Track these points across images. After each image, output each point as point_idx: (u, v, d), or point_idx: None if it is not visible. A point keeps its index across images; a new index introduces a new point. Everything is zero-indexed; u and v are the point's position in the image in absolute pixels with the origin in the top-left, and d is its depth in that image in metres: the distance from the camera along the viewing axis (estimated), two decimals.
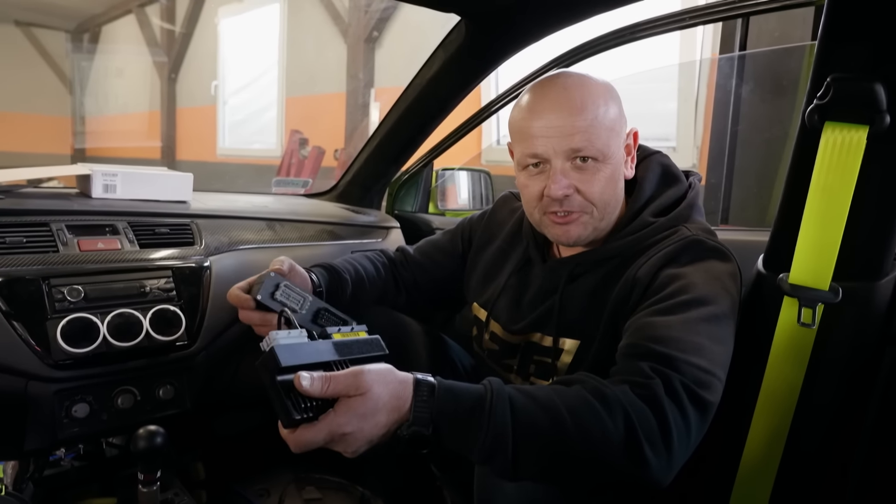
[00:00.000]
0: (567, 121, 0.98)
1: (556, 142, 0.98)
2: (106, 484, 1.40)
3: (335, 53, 6.66)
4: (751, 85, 2.63)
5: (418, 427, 0.74)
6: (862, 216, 0.91)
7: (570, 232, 1.03)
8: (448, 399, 0.75)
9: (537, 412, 0.75)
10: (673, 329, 0.85)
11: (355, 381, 0.73)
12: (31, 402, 1.12)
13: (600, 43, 1.53)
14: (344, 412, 0.72)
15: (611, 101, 1.02)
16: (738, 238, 1.27)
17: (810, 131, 0.92)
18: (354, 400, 0.72)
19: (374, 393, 0.73)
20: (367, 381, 0.73)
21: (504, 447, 0.74)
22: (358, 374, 0.74)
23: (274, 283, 1.01)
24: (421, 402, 0.74)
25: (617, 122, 1.02)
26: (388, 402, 0.74)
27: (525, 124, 1.02)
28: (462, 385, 0.77)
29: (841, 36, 0.88)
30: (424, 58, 1.60)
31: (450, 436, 0.75)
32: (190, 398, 1.29)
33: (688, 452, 0.80)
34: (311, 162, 6.36)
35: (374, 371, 0.75)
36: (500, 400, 0.75)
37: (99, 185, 1.41)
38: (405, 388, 0.75)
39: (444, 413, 0.74)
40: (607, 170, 1.01)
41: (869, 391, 0.99)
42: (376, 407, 0.73)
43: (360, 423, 0.73)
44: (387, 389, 0.74)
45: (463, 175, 2.22)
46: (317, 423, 0.73)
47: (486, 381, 0.78)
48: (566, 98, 0.99)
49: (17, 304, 1.10)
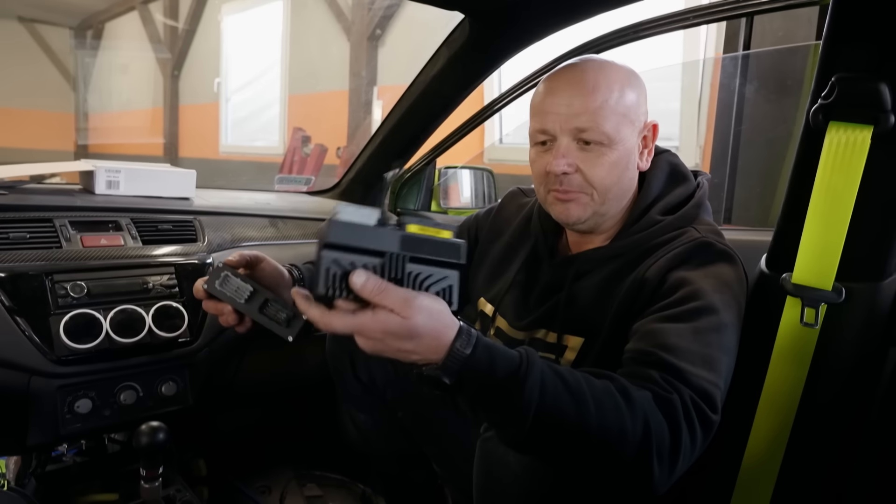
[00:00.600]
0: (576, 100, 0.99)
1: (563, 119, 1.00)
2: (108, 480, 1.41)
3: (338, 51, 6.66)
4: (755, 84, 2.63)
5: (444, 374, 0.74)
6: (866, 216, 0.91)
7: (570, 210, 1.03)
8: (484, 359, 0.75)
9: (564, 396, 0.75)
10: (683, 339, 0.85)
11: (403, 305, 0.72)
12: (33, 398, 1.13)
13: (603, 42, 1.53)
14: (380, 322, 0.71)
15: (629, 88, 1.02)
16: (741, 238, 1.27)
17: (814, 131, 0.92)
18: (393, 318, 0.71)
19: (415, 322, 0.72)
20: (415, 310, 0.72)
21: (523, 421, 0.74)
22: (410, 300, 0.72)
23: (218, 274, 1.01)
24: (456, 352, 0.74)
25: (632, 110, 1.02)
26: (425, 338, 0.73)
27: (538, 100, 1.04)
28: (500, 350, 0.77)
29: (846, 36, 0.88)
30: (427, 56, 1.60)
31: (473, 393, 0.75)
32: (192, 395, 1.29)
33: (687, 467, 0.80)
34: (313, 160, 6.35)
35: (426, 303, 0.73)
36: (533, 374, 0.75)
37: (102, 182, 1.41)
38: (447, 332, 0.74)
39: (475, 372, 0.74)
40: (612, 155, 1.01)
41: (871, 392, 0.99)
42: (411, 336, 0.72)
43: (388, 340, 0.72)
44: (429, 326, 0.73)
45: (465, 173, 2.22)
46: (350, 315, 0.72)
47: (522, 349, 0.78)
48: (580, 79, 1.01)
49: (20, 299, 1.11)
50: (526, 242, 1.21)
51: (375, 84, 6.44)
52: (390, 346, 0.73)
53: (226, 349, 1.34)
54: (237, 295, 0.99)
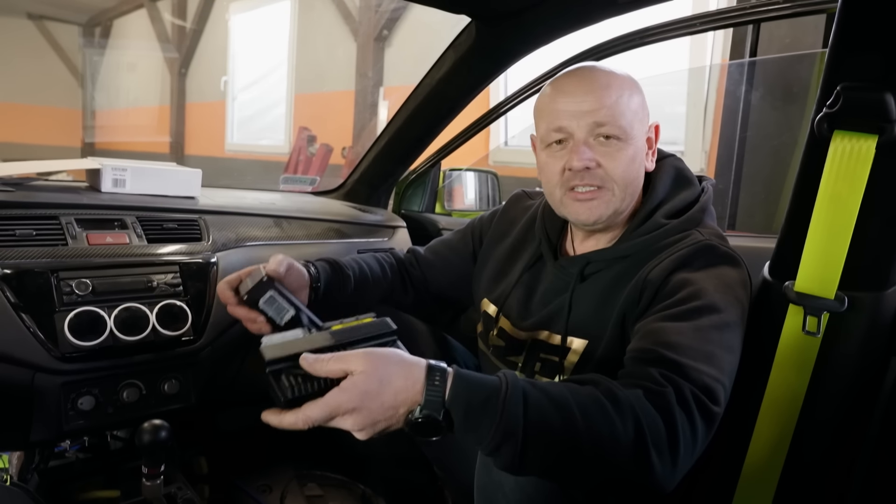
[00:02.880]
0: (592, 96, 1.00)
1: (580, 115, 1.01)
2: (110, 476, 1.41)
3: (345, 51, 6.67)
4: (760, 91, 2.62)
5: (430, 411, 0.74)
6: (869, 225, 0.91)
7: (593, 209, 1.03)
8: (462, 387, 0.75)
9: (549, 409, 0.75)
10: (684, 336, 0.85)
11: (361, 359, 0.74)
12: (37, 394, 1.13)
13: (611, 46, 1.53)
14: (348, 388, 0.73)
15: (635, 91, 1.05)
16: (745, 244, 1.27)
17: (819, 139, 0.92)
18: (359, 377, 0.73)
19: (380, 372, 0.73)
20: (373, 360, 0.73)
21: (514, 441, 0.74)
22: (366, 353, 0.74)
23: (262, 290, 1.03)
24: (433, 387, 0.74)
25: (640, 111, 1.05)
26: (396, 382, 0.74)
27: (550, 101, 1.05)
28: (476, 375, 0.77)
29: (852, 44, 0.88)
30: (434, 58, 1.60)
31: (461, 424, 0.75)
32: (195, 393, 1.30)
33: (692, 461, 0.80)
34: (318, 159, 6.36)
35: (381, 351, 0.75)
36: (515, 394, 0.75)
37: (108, 180, 1.42)
38: (417, 371, 0.75)
39: (458, 400, 0.74)
40: (630, 150, 1.02)
41: (873, 401, 0.99)
42: (381, 386, 0.73)
43: (364, 401, 0.73)
44: (395, 370, 0.74)
45: (470, 176, 2.22)
46: (321, 399, 0.73)
47: (501, 373, 0.78)
48: (592, 78, 1.02)
49: (25, 296, 1.11)
50: (530, 244, 1.22)
51: (381, 85, 6.45)
52: (371, 409, 0.73)
53: (229, 348, 1.34)
54: (277, 316, 1.03)
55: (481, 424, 0.74)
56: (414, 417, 0.75)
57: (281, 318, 1.02)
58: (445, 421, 0.75)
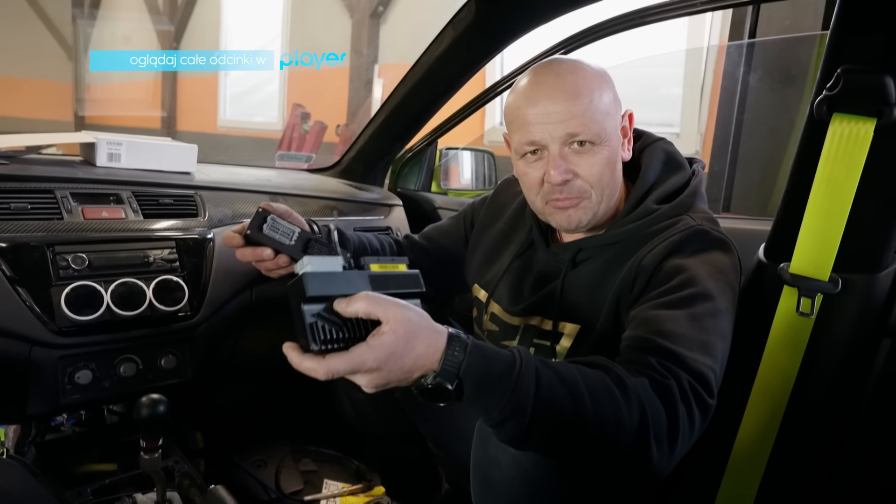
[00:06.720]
0: (563, 106, 0.98)
1: (552, 128, 0.99)
2: (106, 450, 1.42)
3: (339, 28, 6.59)
4: (759, 73, 2.62)
5: (443, 379, 0.74)
6: (865, 208, 0.92)
7: (572, 217, 1.04)
8: (478, 360, 0.75)
9: (560, 389, 0.76)
10: (679, 324, 0.86)
11: (398, 313, 0.73)
12: (34, 368, 1.13)
13: (609, 26, 1.52)
14: (376, 346, 0.72)
15: (605, 86, 1.02)
16: (740, 227, 1.28)
17: (818, 122, 0.92)
18: (388, 335, 0.72)
19: (409, 333, 0.73)
20: (407, 319, 0.73)
21: (522, 417, 0.75)
22: (403, 308, 0.73)
23: (262, 218, 1.02)
24: (452, 356, 0.74)
25: (612, 106, 1.03)
26: (419, 348, 0.74)
27: (521, 112, 1.02)
28: (493, 349, 0.78)
29: (854, 27, 0.88)
30: (430, 35, 1.59)
31: (471, 395, 0.76)
32: (191, 368, 1.30)
33: (686, 449, 0.81)
34: (312, 137, 6.31)
35: (416, 311, 0.75)
36: (528, 370, 0.76)
37: (104, 154, 1.41)
38: (440, 339, 0.75)
39: (472, 373, 0.75)
40: (604, 152, 1.01)
41: (863, 382, 1.00)
42: (406, 349, 0.73)
43: (388, 363, 0.73)
44: (423, 334, 0.74)
45: (466, 155, 2.22)
46: (346, 352, 0.72)
47: (514, 348, 0.79)
48: (560, 84, 1.00)
49: (21, 269, 1.11)
50: (521, 230, 1.22)
51: (377, 62, 6.39)
52: (391, 369, 0.73)
53: (225, 324, 1.35)
54: (285, 236, 1.02)
55: (491, 397, 0.75)
56: (426, 382, 0.75)
57: (290, 238, 1.02)
58: (456, 390, 0.75)
